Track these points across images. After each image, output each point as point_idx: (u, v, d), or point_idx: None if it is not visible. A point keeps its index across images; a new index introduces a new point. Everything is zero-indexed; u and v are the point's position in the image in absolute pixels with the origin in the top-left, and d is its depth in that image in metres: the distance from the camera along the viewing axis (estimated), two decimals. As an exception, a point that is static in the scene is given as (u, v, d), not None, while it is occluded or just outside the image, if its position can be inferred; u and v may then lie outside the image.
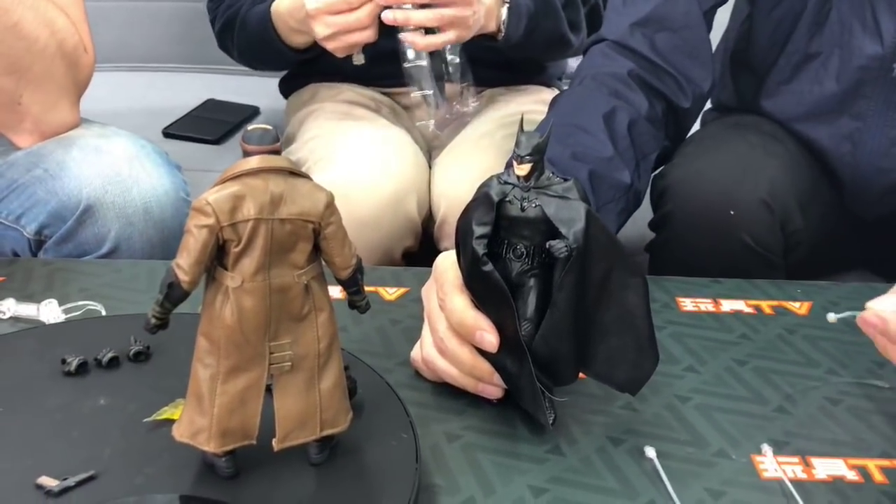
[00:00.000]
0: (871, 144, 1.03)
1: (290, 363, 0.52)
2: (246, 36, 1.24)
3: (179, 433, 0.53)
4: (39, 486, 0.53)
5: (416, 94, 1.19)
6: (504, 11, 1.16)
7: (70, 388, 0.62)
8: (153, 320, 0.51)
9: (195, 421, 0.52)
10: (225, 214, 0.49)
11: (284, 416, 0.53)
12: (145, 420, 0.58)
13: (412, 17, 1.07)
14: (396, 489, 0.54)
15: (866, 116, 1.02)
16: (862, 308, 0.62)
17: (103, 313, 0.74)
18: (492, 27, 1.16)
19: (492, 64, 1.26)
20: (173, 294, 0.50)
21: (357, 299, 0.55)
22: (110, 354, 0.65)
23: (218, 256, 0.50)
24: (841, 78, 1.03)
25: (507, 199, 0.60)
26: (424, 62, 1.14)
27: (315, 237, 0.52)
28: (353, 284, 0.54)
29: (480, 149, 1.17)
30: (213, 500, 0.52)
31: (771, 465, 0.62)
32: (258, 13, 1.20)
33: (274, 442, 0.53)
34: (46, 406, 0.60)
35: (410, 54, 1.14)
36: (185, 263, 0.49)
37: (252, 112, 1.59)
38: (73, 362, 0.64)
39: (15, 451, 0.56)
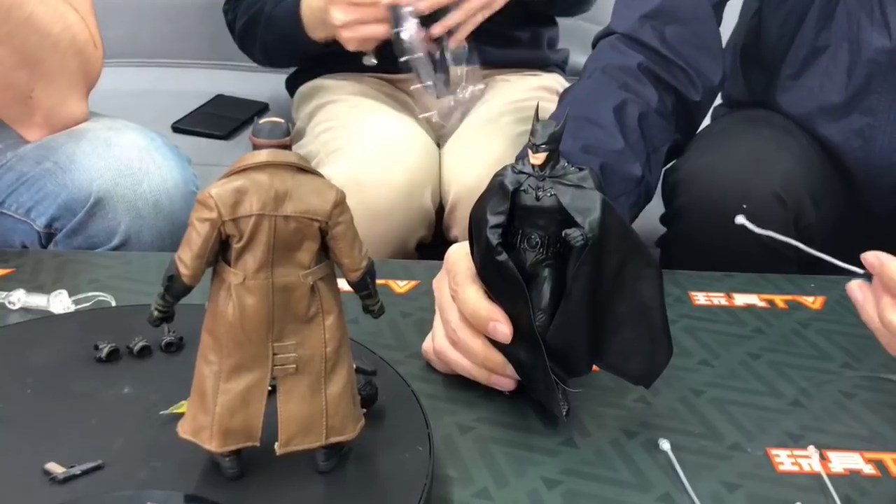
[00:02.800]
0: (881, 140, 1.03)
1: (294, 365, 0.50)
2: (272, 31, 1.27)
3: (183, 429, 0.52)
4: (46, 472, 0.53)
5: (417, 87, 1.19)
6: None
7: (98, 375, 0.62)
8: (156, 313, 0.50)
9: (198, 418, 0.51)
10: (227, 208, 0.47)
11: (288, 419, 0.51)
12: (161, 413, 0.58)
13: (453, 20, 1.12)
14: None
15: (877, 112, 1.02)
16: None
17: (113, 304, 0.74)
18: None
19: (494, 41, 1.26)
20: (174, 287, 0.49)
21: (370, 303, 0.53)
22: (142, 343, 0.64)
23: (222, 251, 0.49)
24: (850, 72, 1.02)
25: (522, 188, 0.59)
26: (421, 53, 1.15)
27: (322, 237, 0.50)
28: (363, 288, 0.52)
29: (487, 135, 1.16)
30: (209, 500, 0.51)
31: (787, 458, 0.61)
32: (285, 8, 1.23)
33: (276, 446, 0.51)
34: (72, 391, 0.60)
35: (406, 45, 1.14)
36: (186, 257, 0.48)
37: (261, 108, 1.59)
38: (105, 349, 0.63)
39: (32, 434, 0.56)
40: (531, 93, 1.27)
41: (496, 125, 1.18)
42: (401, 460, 0.55)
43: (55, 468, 0.53)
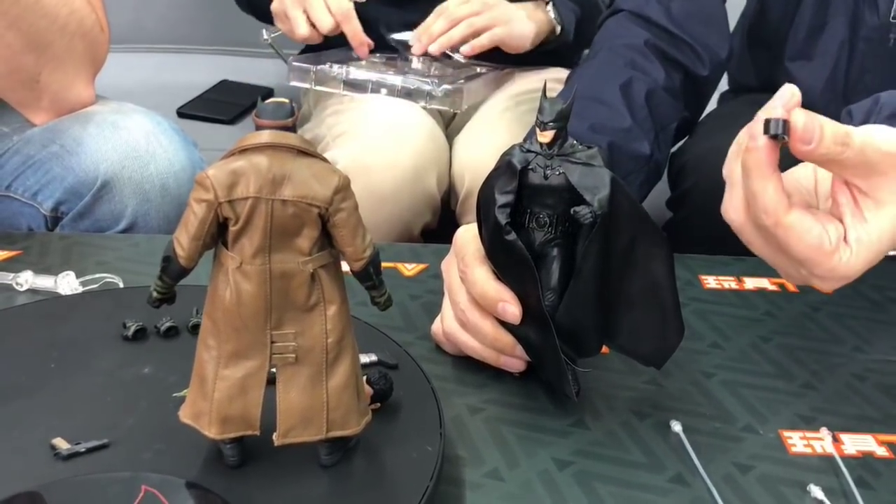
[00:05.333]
0: None
1: (294, 355, 0.49)
2: None
3: (184, 414, 0.51)
4: (52, 447, 0.52)
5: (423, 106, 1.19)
6: (550, 10, 1.21)
7: (122, 353, 0.62)
8: (155, 294, 0.49)
9: (197, 403, 0.50)
10: (224, 190, 0.46)
11: (286, 409, 0.50)
12: (174, 395, 0.57)
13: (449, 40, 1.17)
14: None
15: (871, 91, 1.01)
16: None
17: (121, 286, 0.73)
18: (545, 29, 1.21)
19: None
20: (170, 268, 0.48)
21: (375, 295, 0.51)
22: (169, 323, 0.64)
23: (221, 234, 0.48)
24: (847, 51, 1.02)
25: (530, 167, 0.59)
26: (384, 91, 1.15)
27: (323, 223, 0.48)
28: (366, 279, 0.50)
29: (503, 123, 1.16)
30: (205, 487, 0.49)
31: (799, 440, 0.61)
32: None
33: (274, 436, 0.50)
34: (93, 368, 0.60)
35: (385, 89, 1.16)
36: (182, 238, 0.47)
37: (266, 93, 1.59)
38: (132, 327, 0.63)
39: (46, 407, 0.56)
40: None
41: (513, 113, 1.17)
42: (408, 459, 0.53)
43: (61, 444, 0.53)
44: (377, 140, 1.10)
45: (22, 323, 0.65)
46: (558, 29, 1.22)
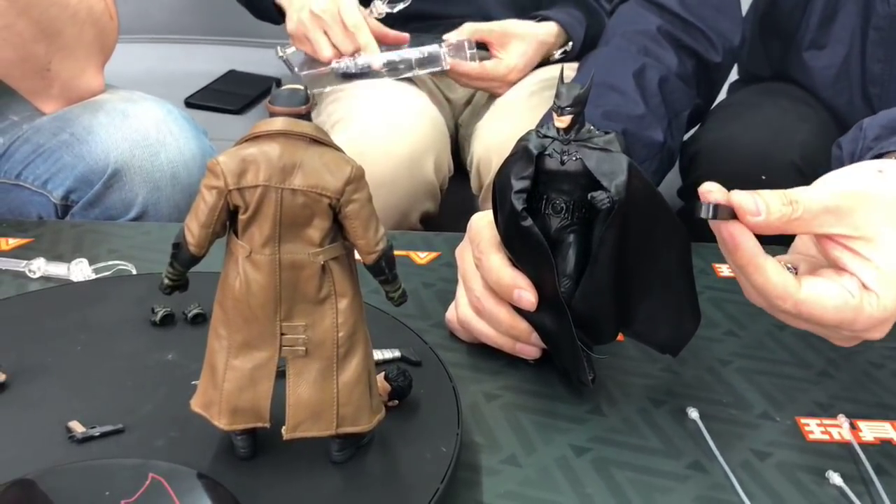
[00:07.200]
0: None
1: (304, 348, 0.48)
2: None
3: (195, 403, 0.51)
4: (68, 430, 0.53)
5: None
6: (556, 55, 1.23)
7: (148, 339, 0.62)
8: (166, 281, 0.49)
9: (208, 392, 0.50)
10: (233, 177, 0.45)
11: (295, 403, 0.49)
12: (193, 382, 0.56)
13: None
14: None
15: (882, 81, 1.01)
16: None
17: (134, 273, 0.73)
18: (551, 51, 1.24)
19: None
20: (180, 255, 0.48)
21: (388, 289, 0.50)
22: (196, 310, 0.64)
23: (232, 222, 0.47)
24: (859, 40, 1.01)
25: (547, 152, 0.58)
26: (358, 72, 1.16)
27: (334, 214, 0.47)
28: (379, 273, 0.49)
29: (530, 106, 1.14)
30: (212, 478, 0.49)
31: (816, 427, 0.61)
32: None
33: (283, 430, 0.49)
34: (118, 352, 0.60)
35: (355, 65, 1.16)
36: (193, 226, 0.47)
37: (274, 83, 1.58)
38: (160, 313, 0.63)
39: (68, 389, 0.56)
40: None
41: (539, 98, 1.16)
42: (420, 459, 0.52)
43: (76, 427, 0.53)
44: (373, 127, 1.09)
45: (50, 306, 0.65)
46: (569, 45, 1.23)
